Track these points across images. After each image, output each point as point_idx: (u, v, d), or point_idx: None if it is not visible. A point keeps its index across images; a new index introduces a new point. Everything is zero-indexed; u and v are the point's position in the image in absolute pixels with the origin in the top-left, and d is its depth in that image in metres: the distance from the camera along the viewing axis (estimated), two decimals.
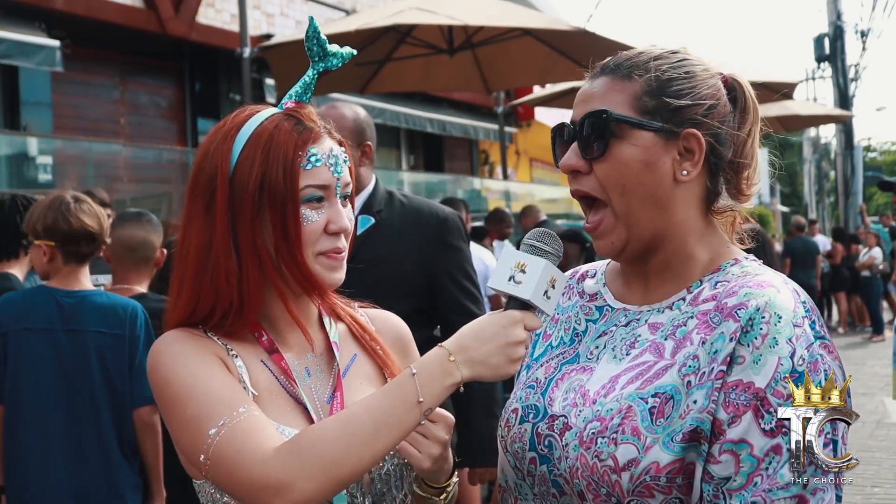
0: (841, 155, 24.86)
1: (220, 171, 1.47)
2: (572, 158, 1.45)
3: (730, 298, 1.37)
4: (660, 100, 1.41)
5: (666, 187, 1.42)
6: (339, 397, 1.54)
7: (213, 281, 1.47)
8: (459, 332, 1.39)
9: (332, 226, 1.49)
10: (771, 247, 7.31)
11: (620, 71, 1.45)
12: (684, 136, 1.42)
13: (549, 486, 1.43)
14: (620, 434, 1.34)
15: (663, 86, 1.42)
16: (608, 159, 1.41)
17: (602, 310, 1.54)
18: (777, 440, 1.27)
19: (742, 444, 1.28)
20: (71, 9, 9.50)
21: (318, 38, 1.52)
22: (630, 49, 1.52)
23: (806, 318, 1.34)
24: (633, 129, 1.41)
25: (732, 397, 1.30)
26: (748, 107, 1.48)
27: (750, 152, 1.48)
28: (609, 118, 1.41)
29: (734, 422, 1.29)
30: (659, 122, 1.41)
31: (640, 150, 1.41)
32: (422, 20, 6.89)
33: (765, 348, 1.30)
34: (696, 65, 1.47)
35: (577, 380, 1.47)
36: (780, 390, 1.28)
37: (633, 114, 1.41)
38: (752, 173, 1.49)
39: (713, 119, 1.44)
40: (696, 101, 1.43)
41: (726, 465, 1.29)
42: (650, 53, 1.47)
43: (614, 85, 1.44)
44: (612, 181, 1.42)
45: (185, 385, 1.41)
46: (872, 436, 8.01)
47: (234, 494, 1.37)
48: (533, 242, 1.41)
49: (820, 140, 39.57)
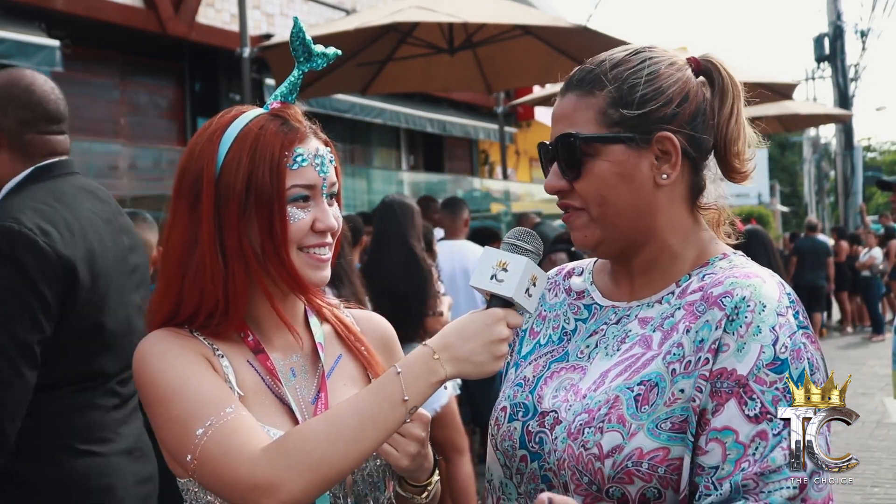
0: (841, 155, 24.89)
1: (206, 171, 1.47)
2: (553, 180, 1.47)
3: (716, 288, 1.38)
4: (625, 109, 1.41)
5: (646, 194, 1.43)
6: (323, 398, 1.54)
7: (198, 281, 1.47)
8: (443, 330, 1.41)
9: (319, 224, 1.49)
10: (771, 247, 7.31)
11: (583, 86, 1.45)
12: (657, 139, 1.42)
13: (538, 483, 1.44)
14: (607, 423, 1.35)
15: (626, 94, 1.42)
16: (586, 177, 1.43)
17: (591, 308, 1.55)
18: (762, 426, 1.28)
19: (727, 432, 1.29)
20: (71, 9, 9.49)
21: (303, 39, 1.52)
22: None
23: (790, 308, 1.35)
24: (603, 146, 1.42)
25: (717, 386, 1.31)
26: (726, 85, 1.47)
27: (736, 129, 1.47)
28: (577, 140, 1.42)
29: (718, 410, 1.30)
30: (628, 133, 1.41)
31: (614, 164, 1.41)
32: (422, 18, 6.89)
33: (748, 336, 1.31)
34: (661, 61, 1.45)
35: (568, 378, 1.48)
36: (762, 377, 1.29)
37: (601, 129, 1.42)
38: (742, 148, 1.48)
39: (685, 112, 1.43)
40: (662, 101, 1.42)
41: (713, 454, 1.29)
42: (612, 59, 1.46)
43: (579, 102, 1.45)
44: (590, 196, 1.43)
45: (171, 385, 1.41)
46: (872, 436, 8.00)
47: (221, 494, 1.37)
48: (513, 241, 1.42)
49: (820, 140, 39.58)
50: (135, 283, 2.56)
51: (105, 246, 2.42)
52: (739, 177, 1.50)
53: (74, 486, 2.30)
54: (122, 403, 2.47)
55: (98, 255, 2.37)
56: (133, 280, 2.55)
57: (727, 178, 1.51)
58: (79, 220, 2.37)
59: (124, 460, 2.42)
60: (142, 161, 9.99)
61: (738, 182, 1.51)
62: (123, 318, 2.45)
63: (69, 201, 2.40)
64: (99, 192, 2.57)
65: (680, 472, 1.31)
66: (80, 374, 2.35)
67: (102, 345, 2.38)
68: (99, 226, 2.43)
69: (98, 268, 2.36)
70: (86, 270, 2.31)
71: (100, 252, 2.38)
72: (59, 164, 2.49)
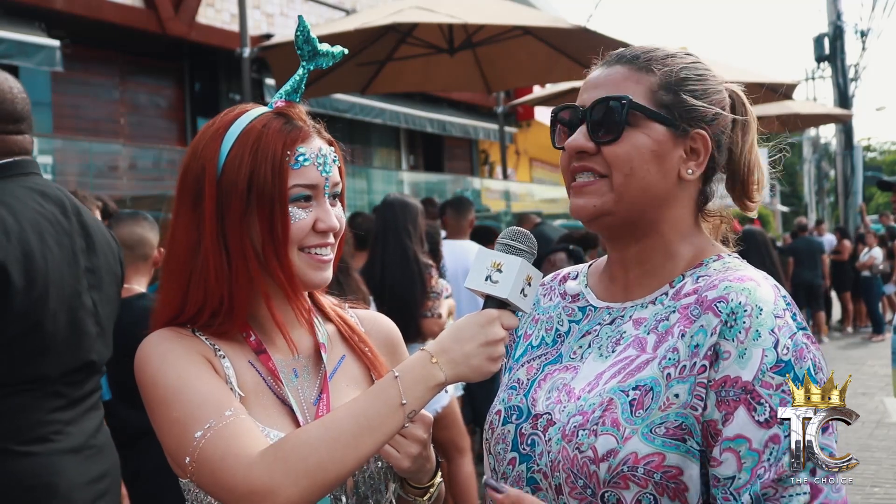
0: (841, 155, 24.89)
1: (208, 170, 1.46)
2: (581, 139, 1.44)
3: (710, 292, 1.38)
4: (676, 96, 1.43)
5: (669, 182, 1.43)
6: (325, 399, 1.54)
7: (202, 280, 1.47)
8: (441, 334, 1.40)
9: (321, 224, 1.49)
10: (768, 248, 7.31)
11: (638, 62, 1.46)
12: (693, 135, 1.43)
13: (523, 485, 1.43)
14: (601, 426, 1.34)
15: (680, 83, 1.44)
16: (621, 143, 1.41)
17: (585, 310, 1.55)
18: (774, 430, 1.27)
19: (740, 440, 1.28)
20: (71, 9, 9.49)
21: (309, 37, 1.51)
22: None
23: (787, 310, 1.35)
24: (649, 120, 1.42)
25: (723, 395, 1.30)
26: (749, 118, 1.51)
27: (753, 161, 1.51)
28: (628, 105, 1.41)
29: (728, 419, 1.29)
30: (673, 118, 1.42)
31: (653, 141, 1.42)
32: (422, 19, 6.89)
33: (749, 342, 1.31)
34: (708, 70, 1.49)
35: (561, 378, 1.47)
36: (767, 381, 1.29)
37: (651, 105, 1.42)
38: (761, 178, 1.52)
39: (718, 125, 1.46)
40: (707, 103, 1.45)
41: (728, 464, 1.29)
42: (664, 51, 1.49)
43: (631, 75, 1.45)
44: (620, 162, 1.41)
45: (171, 386, 1.40)
46: (872, 436, 8.00)
47: (218, 498, 1.37)
48: (507, 241, 1.41)
49: (820, 140, 39.60)
50: (88, 283, 2.53)
51: (47, 247, 2.38)
52: (752, 205, 1.54)
53: (14, 488, 2.30)
54: (71, 404, 2.45)
55: (37, 256, 2.34)
56: (86, 281, 2.52)
57: (739, 207, 1.55)
58: (19, 222, 2.34)
59: (70, 459, 2.40)
60: (142, 161, 10.00)
61: (748, 212, 1.55)
62: (67, 321, 2.42)
63: (12, 202, 2.37)
64: (53, 193, 2.53)
65: (678, 480, 1.30)
66: (16, 377, 2.33)
67: (41, 347, 2.36)
68: (43, 227, 2.40)
69: (36, 269, 2.33)
70: (20, 272, 2.28)
71: (40, 253, 2.35)
72: (15, 164, 2.47)
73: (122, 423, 3.34)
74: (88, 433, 2.49)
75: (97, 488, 2.47)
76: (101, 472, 2.50)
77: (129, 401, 3.31)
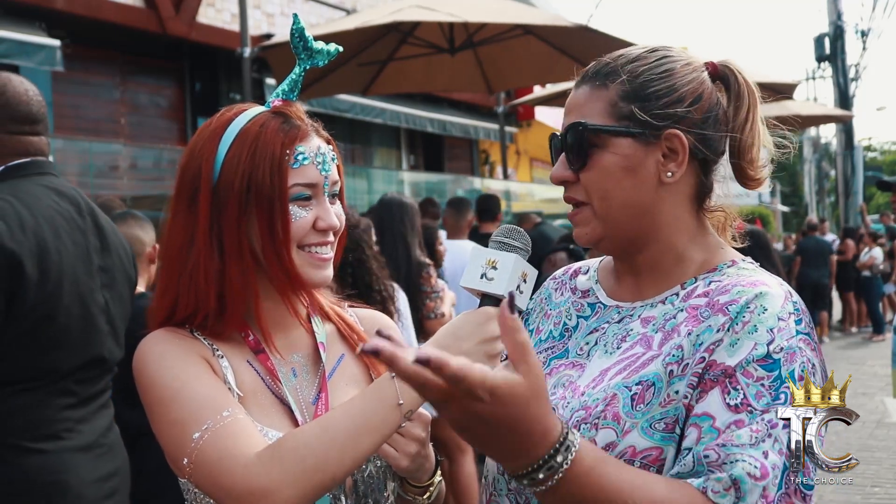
0: (841, 155, 24.89)
1: (204, 170, 1.46)
2: (560, 170, 1.46)
3: (722, 296, 1.37)
4: (635, 104, 1.41)
5: (649, 190, 1.42)
6: (324, 398, 1.53)
7: (193, 280, 1.46)
8: (438, 332, 1.40)
9: (321, 223, 1.49)
10: (770, 248, 7.30)
11: (598, 79, 1.45)
12: (666, 136, 1.41)
13: None
14: (602, 420, 1.34)
15: (638, 89, 1.42)
16: (591, 168, 1.42)
17: (594, 307, 1.55)
18: (741, 416, 1.26)
19: (705, 417, 1.27)
20: (71, 8, 9.49)
21: (303, 36, 1.51)
22: (630, 46, 1.52)
23: (793, 314, 1.34)
24: (611, 137, 1.41)
25: (704, 377, 1.30)
26: (742, 92, 1.47)
27: (751, 135, 1.47)
28: (585, 129, 1.41)
29: (701, 398, 1.29)
30: (636, 128, 1.41)
31: (620, 157, 1.41)
32: (422, 18, 6.89)
33: (743, 333, 1.30)
34: (677, 60, 1.45)
35: (567, 376, 1.47)
36: (750, 371, 1.28)
37: (610, 121, 1.41)
38: (756, 156, 1.48)
39: (697, 113, 1.43)
40: (674, 98, 1.42)
41: (689, 437, 1.28)
42: (629, 55, 1.46)
43: (591, 94, 1.45)
44: (595, 187, 1.43)
45: (169, 387, 1.40)
46: (872, 436, 8.00)
47: (216, 499, 1.36)
48: (501, 239, 1.42)
49: (820, 140, 39.61)
50: (101, 282, 2.55)
51: (61, 242, 2.42)
52: (753, 183, 1.50)
53: (25, 485, 2.31)
54: (82, 402, 2.46)
55: (51, 251, 2.37)
56: (99, 279, 2.55)
57: (741, 185, 1.51)
58: (34, 216, 2.37)
59: (81, 457, 2.41)
60: (142, 161, 9.99)
61: (752, 188, 1.51)
62: (80, 316, 2.45)
63: (28, 199, 2.41)
64: (69, 192, 2.57)
65: None
66: (28, 372, 2.35)
67: (53, 340, 2.38)
68: (58, 224, 2.44)
69: (50, 263, 2.36)
70: (34, 265, 2.31)
71: (54, 247, 2.38)
72: (31, 164, 2.51)
73: (124, 423, 3.34)
74: (99, 431, 2.50)
75: (107, 486, 2.48)
76: (111, 471, 2.51)
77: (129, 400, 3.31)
